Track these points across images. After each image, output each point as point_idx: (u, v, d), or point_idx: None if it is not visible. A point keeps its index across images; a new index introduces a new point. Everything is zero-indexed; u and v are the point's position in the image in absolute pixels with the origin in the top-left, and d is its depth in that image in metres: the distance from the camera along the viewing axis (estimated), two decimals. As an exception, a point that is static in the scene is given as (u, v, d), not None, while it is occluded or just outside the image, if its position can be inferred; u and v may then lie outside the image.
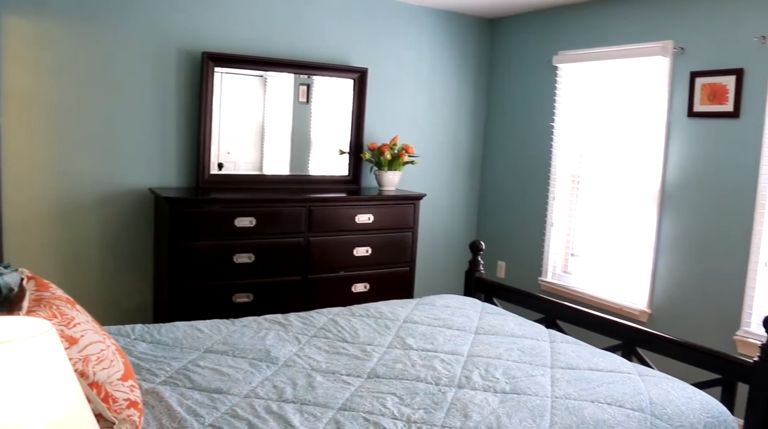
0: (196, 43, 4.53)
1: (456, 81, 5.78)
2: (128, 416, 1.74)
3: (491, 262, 5.87)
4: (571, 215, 5.25)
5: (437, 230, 5.80)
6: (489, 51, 5.94)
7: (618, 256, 4.87)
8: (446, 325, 3.18)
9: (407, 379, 2.49)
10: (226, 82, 4.67)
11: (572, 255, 5.28)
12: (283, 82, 4.90)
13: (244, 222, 4.26)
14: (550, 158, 5.32)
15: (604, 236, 5.00)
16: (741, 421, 2.64)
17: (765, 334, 2.65)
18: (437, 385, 2.45)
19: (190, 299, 4.13)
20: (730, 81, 4.10)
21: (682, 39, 4.38)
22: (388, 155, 4.97)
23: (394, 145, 5.04)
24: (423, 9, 5.48)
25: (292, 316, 3.21)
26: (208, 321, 3.08)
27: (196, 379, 2.35)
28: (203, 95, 4.53)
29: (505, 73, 5.79)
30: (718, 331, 4.14)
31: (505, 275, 5.76)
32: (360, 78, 5.14)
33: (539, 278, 5.38)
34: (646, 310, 4.58)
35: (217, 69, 4.59)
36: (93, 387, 1.69)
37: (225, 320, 3.12)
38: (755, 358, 2.61)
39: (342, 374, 2.52)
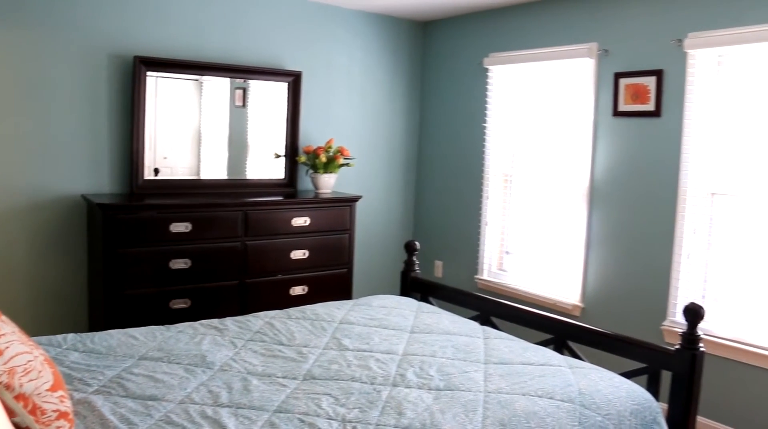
0: (128, 46, 4.48)
1: (390, 83, 5.84)
2: (58, 427, 1.73)
3: (428, 261, 5.95)
4: (504, 214, 5.37)
5: (374, 231, 5.85)
6: (422, 53, 6.02)
7: (551, 252, 5.00)
8: (382, 325, 3.23)
9: (343, 380, 2.52)
10: (161, 86, 4.62)
11: (507, 253, 5.40)
12: (219, 86, 4.88)
13: (180, 227, 4.23)
14: (483, 158, 5.43)
15: (537, 233, 5.13)
16: (666, 406, 2.76)
17: (682, 323, 2.76)
18: (372, 384, 2.50)
19: (126, 307, 4.07)
20: (651, 81, 4.26)
21: (606, 41, 4.52)
22: (323, 158, 4.99)
23: (330, 147, 5.07)
24: (356, 12, 5.52)
25: (229, 321, 3.21)
26: (143, 328, 3.06)
27: (129, 387, 2.34)
28: (136, 100, 4.48)
29: (438, 75, 5.88)
30: (647, 321, 4.30)
31: (443, 274, 5.85)
32: (294, 81, 5.15)
33: (475, 276, 5.49)
34: (579, 304, 4.72)
35: (150, 73, 4.54)
36: (20, 399, 1.68)
37: (160, 327, 3.10)
38: (677, 346, 2.73)
39: (278, 377, 2.54)
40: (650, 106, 4.27)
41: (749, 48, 3.84)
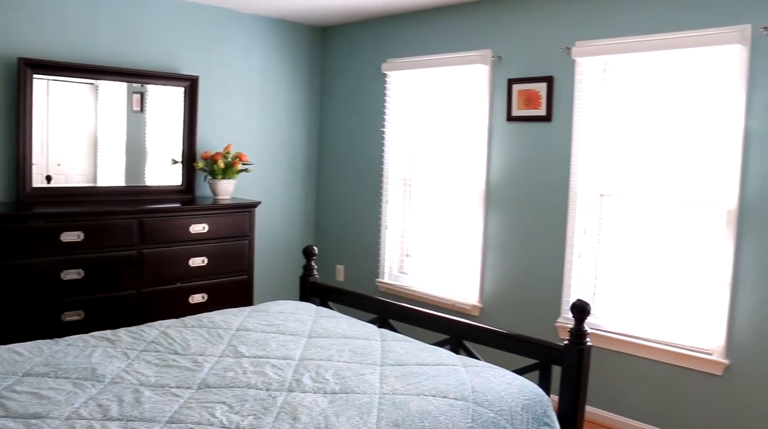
0: (12, 48, 4.29)
1: (289, 88, 5.82)
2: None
3: (330, 266, 5.96)
4: (404, 217, 5.44)
5: (275, 237, 5.81)
6: (321, 58, 6.03)
7: (449, 254, 5.10)
8: (279, 330, 3.22)
9: (238, 387, 2.50)
10: (53, 90, 4.46)
11: (407, 255, 5.47)
12: (115, 90, 4.75)
13: (72, 236, 4.09)
14: (382, 163, 5.48)
15: (436, 236, 5.22)
16: (557, 399, 2.86)
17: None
18: (268, 390, 2.48)
19: (14, 321, 3.90)
20: (542, 87, 4.41)
21: (500, 48, 4.66)
22: (221, 164, 4.93)
23: (228, 153, 5.01)
24: (253, 17, 5.48)
25: (122, 332, 3.13)
26: (28, 342, 2.94)
27: (11, 406, 2.24)
28: (21, 104, 4.31)
29: (337, 79, 5.91)
30: (542, 319, 4.44)
31: (344, 279, 5.87)
32: (191, 86, 5.07)
33: (377, 280, 5.53)
34: (478, 304, 4.83)
35: (37, 76, 4.37)
36: None
37: (48, 340, 2.99)
38: (565, 342, 2.84)
39: (171, 387, 2.49)
40: (542, 112, 4.42)
41: (632, 57, 4.05)
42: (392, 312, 3.65)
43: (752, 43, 3.58)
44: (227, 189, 5.03)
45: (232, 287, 4.89)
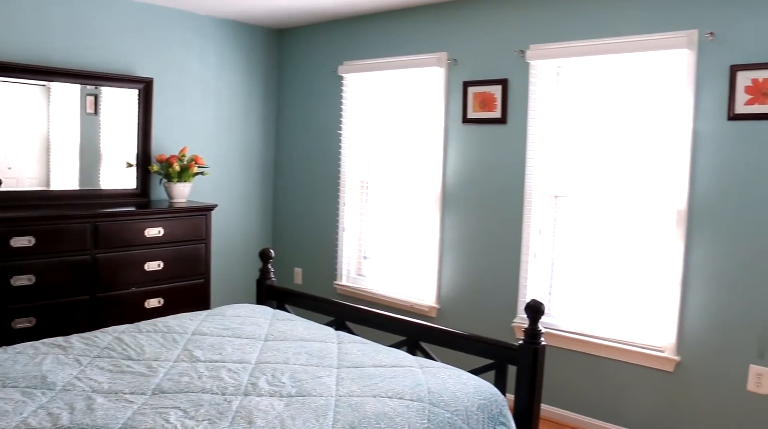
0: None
1: (245, 91, 5.79)
2: None
3: (288, 268, 5.94)
4: (361, 219, 5.45)
5: (232, 240, 5.77)
6: (277, 61, 6.01)
7: (407, 256, 5.12)
8: (235, 334, 3.20)
9: (193, 392, 2.48)
10: (2, 91, 4.37)
11: (365, 258, 5.48)
12: (68, 92, 4.67)
13: (22, 241, 4.00)
14: (339, 165, 5.49)
15: (393, 238, 5.24)
16: (513, 398, 2.90)
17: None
18: (223, 394, 2.47)
19: (-40, 329, 3.82)
20: (497, 90, 4.46)
21: (455, 51, 4.70)
22: (177, 167, 4.88)
23: (183, 156, 4.97)
24: (209, 19, 5.44)
25: (74, 338, 3.07)
26: (-25, 351, 2.88)
27: (-43, 416, 2.20)
28: (-32, 107, 4.22)
29: (293, 82, 5.89)
30: (499, 319, 4.49)
31: (302, 281, 5.86)
32: (146, 88, 5.01)
33: (335, 282, 5.53)
34: (435, 305, 4.86)
35: (-18, 77, 4.29)
36: None
37: (-5, 348, 2.93)
38: (520, 341, 2.88)
39: (125, 393, 2.46)
40: (497, 114, 4.47)
41: (585, 60, 4.11)
42: (349, 314, 3.65)
43: (699, 48, 3.67)
44: (183, 192, 4.98)
45: (189, 291, 4.84)
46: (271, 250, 4.03)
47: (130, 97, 4.96)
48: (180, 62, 5.30)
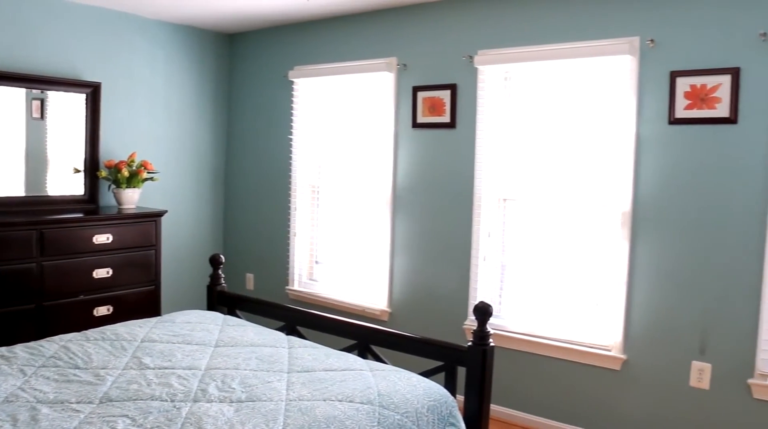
0: None
1: (195, 95, 5.75)
2: None
3: (240, 274, 5.91)
4: (313, 224, 5.45)
5: (183, 246, 5.72)
6: (228, 65, 5.98)
7: (359, 260, 5.14)
8: (185, 341, 3.18)
9: (141, 399, 2.46)
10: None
11: (317, 262, 5.48)
12: (12, 96, 4.56)
13: (-36, 250, 3.92)
14: (290, 170, 5.48)
15: (345, 242, 5.25)
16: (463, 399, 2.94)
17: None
18: (172, 401, 2.45)
19: None
20: (446, 95, 4.51)
21: (405, 56, 4.74)
22: (125, 172, 4.82)
23: (132, 161, 4.91)
24: (158, 23, 5.39)
25: (18, 348, 3.02)
26: None
27: None
28: None
29: (244, 87, 5.87)
30: (450, 322, 4.53)
31: (254, 287, 5.83)
32: (93, 93, 4.94)
33: (287, 287, 5.52)
34: (387, 309, 4.89)
35: None
36: None
37: (-63, 360, 2.86)
38: (469, 343, 2.92)
39: (71, 403, 2.43)
40: (446, 118, 4.52)
41: (532, 65, 4.19)
42: (300, 319, 3.66)
43: (641, 54, 3.78)
44: (132, 198, 4.92)
45: (139, 298, 4.78)
46: (222, 256, 4.01)
47: (77, 101, 4.88)
48: (128, 67, 5.24)
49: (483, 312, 2.88)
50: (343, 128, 5.23)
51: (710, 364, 3.63)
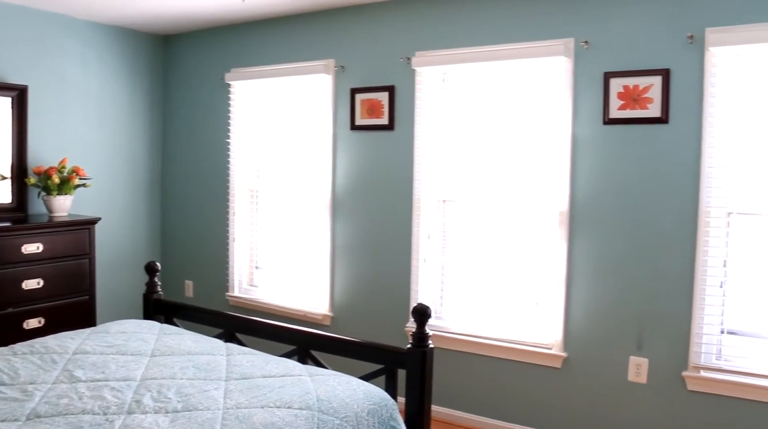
0: None
1: (129, 99, 5.61)
2: None
3: (178, 281, 5.79)
4: (252, 229, 5.37)
5: (119, 254, 5.56)
6: (163, 68, 5.86)
7: (299, 264, 5.09)
8: (120, 351, 3.08)
9: (72, 414, 2.37)
10: None
11: (257, 268, 5.40)
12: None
13: None
14: (227, 174, 5.39)
15: (285, 247, 5.19)
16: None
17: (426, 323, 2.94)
18: (105, 414, 2.37)
19: None
20: (384, 97, 4.51)
21: (343, 58, 4.71)
22: (56, 179, 4.67)
23: (63, 167, 4.75)
24: (89, 23, 5.24)
25: (-60, 364, 2.88)
26: None
27: None
28: None
29: (180, 90, 5.75)
30: (392, 324, 4.52)
31: (194, 294, 5.72)
32: (19, 96, 4.76)
33: (227, 294, 5.42)
34: (328, 313, 4.85)
35: None
36: None
37: None
38: (408, 345, 2.91)
39: (-4, 420, 2.33)
40: (384, 121, 4.51)
41: (469, 67, 4.22)
42: (239, 326, 3.60)
43: (575, 56, 3.84)
44: (63, 205, 4.76)
45: (73, 309, 4.63)
46: (158, 263, 3.91)
47: (2, 105, 4.70)
48: (58, 69, 5.07)
49: (421, 314, 2.87)
50: (281, 131, 5.17)
51: (647, 358, 3.71)
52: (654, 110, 3.63)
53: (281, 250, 5.23)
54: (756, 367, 3.42)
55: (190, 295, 5.74)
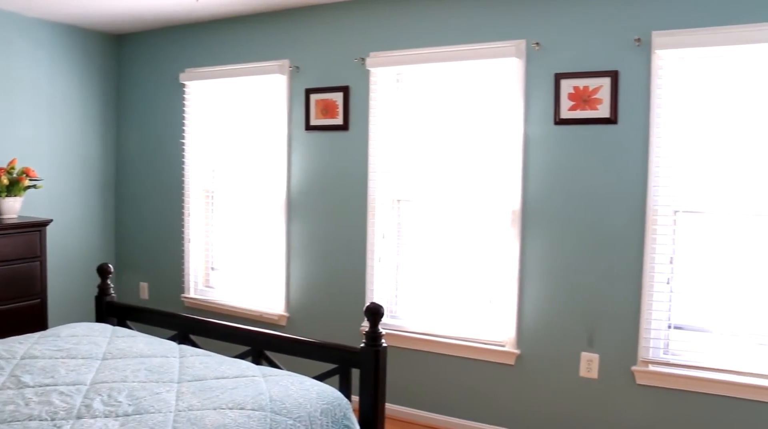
0: None
1: (82, 98, 5.52)
2: None
3: (133, 284, 5.73)
4: (208, 230, 5.34)
5: (72, 257, 5.47)
6: (116, 67, 5.78)
7: (255, 265, 5.07)
8: (70, 355, 3.04)
9: (18, 420, 2.33)
10: None
11: (213, 269, 5.37)
12: None
13: None
14: (182, 175, 5.34)
15: (241, 247, 5.17)
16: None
17: (382, 323, 2.96)
18: (53, 420, 2.34)
19: None
20: (338, 97, 4.51)
21: (297, 58, 4.71)
22: (5, 180, 4.58)
23: (12, 168, 4.67)
24: (39, 21, 5.14)
25: None
26: None
27: None
28: None
29: (134, 90, 5.68)
30: (348, 324, 4.52)
31: (149, 296, 5.65)
32: (-34, 97, 4.67)
33: (182, 295, 5.37)
34: (284, 314, 4.84)
35: None
36: None
37: None
38: (362, 345, 2.93)
39: (-62, 429, 2.28)
40: (339, 121, 4.52)
41: (423, 68, 4.25)
42: (193, 327, 3.58)
43: (527, 57, 3.89)
44: (13, 207, 4.68)
45: (23, 313, 4.55)
46: (110, 265, 3.87)
47: (-51, 106, 4.62)
48: (6, 68, 4.96)
49: (374, 313, 2.89)
50: (236, 132, 5.14)
51: (598, 354, 3.78)
52: (603, 111, 3.70)
53: (237, 251, 5.21)
54: (702, 360, 3.53)
55: (145, 297, 5.67)
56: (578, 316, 3.83)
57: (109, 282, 3.85)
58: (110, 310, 3.82)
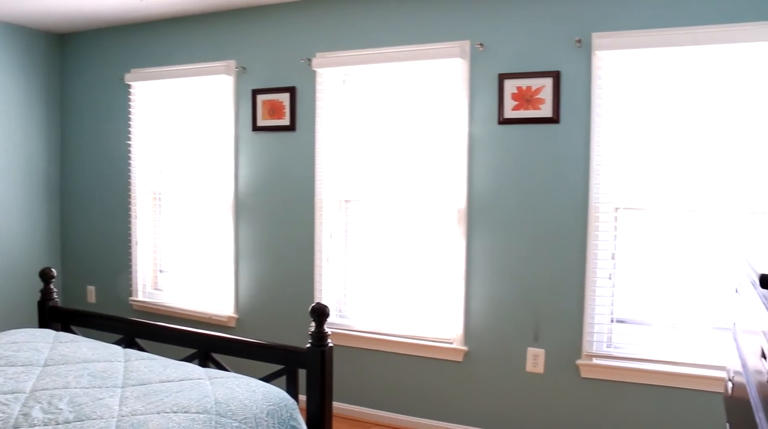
0: None
1: (23, 99, 5.40)
2: None
3: (80, 288, 5.63)
4: (155, 232, 5.29)
5: (12, 261, 5.34)
6: (60, 67, 5.67)
7: (204, 267, 5.04)
8: (9, 362, 2.98)
9: (-47, 431, 2.29)
10: None
11: (161, 271, 5.31)
12: None
13: None
14: (129, 177, 5.27)
15: (189, 249, 5.13)
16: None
17: (331, 322, 2.97)
18: (-11, 429, 2.30)
19: None
20: (285, 98, 4.51)
21: (244, 59, 4.69)
22: (-57, 184, 4.48)
23: (-49, 172, 4.57)
24: (-24, 23, 5.04)
25: None
26: None
27: None
28: None
29: (79, 90, 5.59)
30: (297, 325, 4.51)
31: (96, 300, 5.56)
32: None
33: (130, 298, 5.30)
34: (234, 315, 4.82)
35: None
36: None
37: None
38: (308, 345, 2.93)
39: None
40: (286, 121, 4.52)
41: (370, 68, 4.28)
42: (139, 331, 3.54)
43: (471, 57, 3.94)
44: (-48, 212, 4.57)
45: (-36, 319, 4.46)
46: (53, 269, 3.81)
47: None
48: (-56, 70, 4.86)
49: (319, 313, 2.89)
50: (183, 133, 5.10)
51: (543, 349, 3.85)
52: (546, 110, 3.77)
53: (186, 253, 5.17)
54: (643, 352, 3.63)
55: (92, 301, 5.59)
56: (524, 312, 3.90)
57: (52, 286, 3.78)
58: (54, 316, 3.76)
